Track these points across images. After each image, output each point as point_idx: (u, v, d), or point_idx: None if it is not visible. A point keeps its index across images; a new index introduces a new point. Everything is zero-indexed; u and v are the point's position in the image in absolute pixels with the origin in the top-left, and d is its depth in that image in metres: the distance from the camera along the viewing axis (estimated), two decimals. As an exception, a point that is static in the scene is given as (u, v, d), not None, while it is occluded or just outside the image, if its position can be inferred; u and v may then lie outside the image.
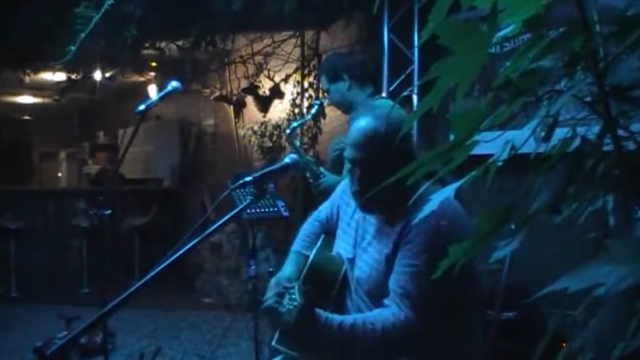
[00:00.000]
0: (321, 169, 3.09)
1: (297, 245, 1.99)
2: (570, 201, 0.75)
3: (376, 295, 1.68)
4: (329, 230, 2.00)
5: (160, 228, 7.28)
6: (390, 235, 1.66)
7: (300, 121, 3.74)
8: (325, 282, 1.81)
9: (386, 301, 1.61)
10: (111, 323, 3.86)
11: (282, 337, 1.71)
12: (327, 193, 2.36)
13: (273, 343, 1.73)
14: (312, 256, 1.86)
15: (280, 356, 1.78)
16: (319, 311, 1.57)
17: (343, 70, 3.01)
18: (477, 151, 0.78)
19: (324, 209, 2.05)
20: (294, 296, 1.57)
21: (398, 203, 1.60)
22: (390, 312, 1.58)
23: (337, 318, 1.58)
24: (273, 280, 1.81)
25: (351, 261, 1.80)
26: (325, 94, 3.26)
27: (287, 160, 1.80)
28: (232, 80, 6.80)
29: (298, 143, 3.62)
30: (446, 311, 1.57)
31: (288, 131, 3.22)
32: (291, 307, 1.56)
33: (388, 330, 1.55)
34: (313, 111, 3.30)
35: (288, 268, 1.89)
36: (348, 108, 3.00)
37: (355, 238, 1.82)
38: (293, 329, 1.55)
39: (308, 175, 3.09)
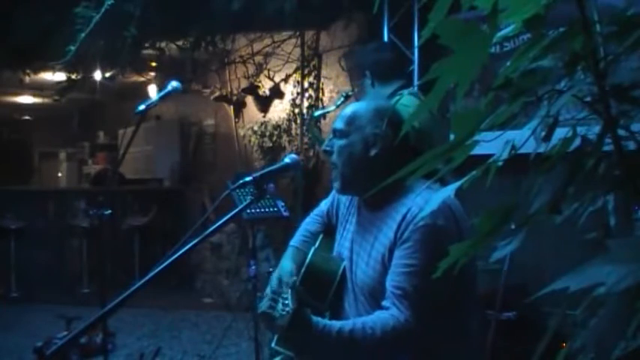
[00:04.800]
0: None
1: (295, 241, 2.00)
2: (570, 201, 0.75)
3: (374, 294, 1.67)
4: (329, 226, 2.00)
5: (159, 228, 7.28)
6: (387, 233, 1.66)
7: (323, 110, 3.62)
8: (322, 282, 1.80)
9: (384, 303, 1.60)
10: (111, 323, 3.86)
11: (281, 339, 1.71)
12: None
13: (273, 344, 1.73)
14: (309, 256, 1.85)
15: (280, 357, 1.78)
16: (316, 319, 1.56)
17: (365, 66, 2.98)
18: (477, 151, 0.78)
19: (324, 205, 2.06)
20: (287, 301, 1.56)
21: (371, 187, 1.41)
22: (389, 314, 1.57)
23: (335, 324, 1.58)
24: (275, 276, 1.81)
25: (349, 259, 1.80)
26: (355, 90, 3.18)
27: (287, 160, 1.80)
28: (232, 80, 6.80)
29: (318, 132, 3.50)
30: (444, 311, 1.57)
31: (312, 118, 3.09)
32: (284, 312, 1.55)
33: (388, 333, 1.54)
34: (339, 102, 3.20)
35: (287, 264, 1.89)
36: None
37: (352, 236, 1.82)
38: (286, 334, 1.55)
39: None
